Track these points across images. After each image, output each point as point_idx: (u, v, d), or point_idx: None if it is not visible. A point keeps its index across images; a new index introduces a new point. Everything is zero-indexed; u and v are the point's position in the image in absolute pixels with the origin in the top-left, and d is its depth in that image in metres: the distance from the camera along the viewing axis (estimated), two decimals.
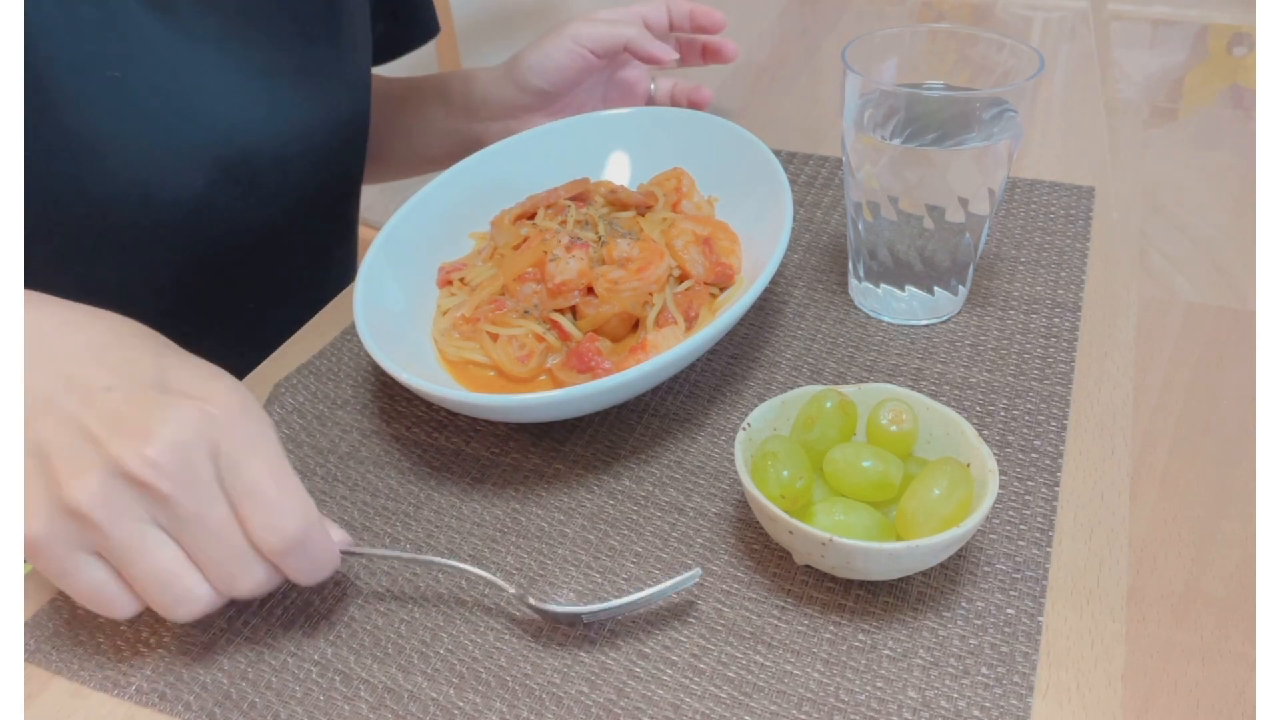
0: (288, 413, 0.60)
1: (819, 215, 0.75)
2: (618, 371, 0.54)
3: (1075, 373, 0.59)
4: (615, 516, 0.52)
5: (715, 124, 0.69)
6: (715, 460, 0.55)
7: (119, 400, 0.40)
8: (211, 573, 0.41)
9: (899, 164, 0.57)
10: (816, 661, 0.44)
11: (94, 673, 0.46)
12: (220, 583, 0.42)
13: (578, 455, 0.56)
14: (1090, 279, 0.66)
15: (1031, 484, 0.52)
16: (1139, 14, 1.06)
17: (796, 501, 0.46)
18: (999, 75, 0.59)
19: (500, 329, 0.58)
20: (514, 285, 0.60)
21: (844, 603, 0.47)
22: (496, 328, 0.59)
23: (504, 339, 0.58)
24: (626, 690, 0.44)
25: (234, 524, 0.41)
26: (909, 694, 0.43)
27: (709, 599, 0.47)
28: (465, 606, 0.48)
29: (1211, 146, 0.82)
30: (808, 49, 1.04)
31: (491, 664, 0.45)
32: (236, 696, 0.44)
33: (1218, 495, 0.51)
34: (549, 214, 0.64)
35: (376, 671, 0.45)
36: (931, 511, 0.44)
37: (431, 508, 0.53)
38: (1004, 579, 0.47)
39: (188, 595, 0.41)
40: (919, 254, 0.60)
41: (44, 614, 0.49)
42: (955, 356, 0.60)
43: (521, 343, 0.58)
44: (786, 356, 0.62)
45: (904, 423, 0.49)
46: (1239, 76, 0.92)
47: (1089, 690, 0.43)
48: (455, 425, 0.58)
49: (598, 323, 0.58)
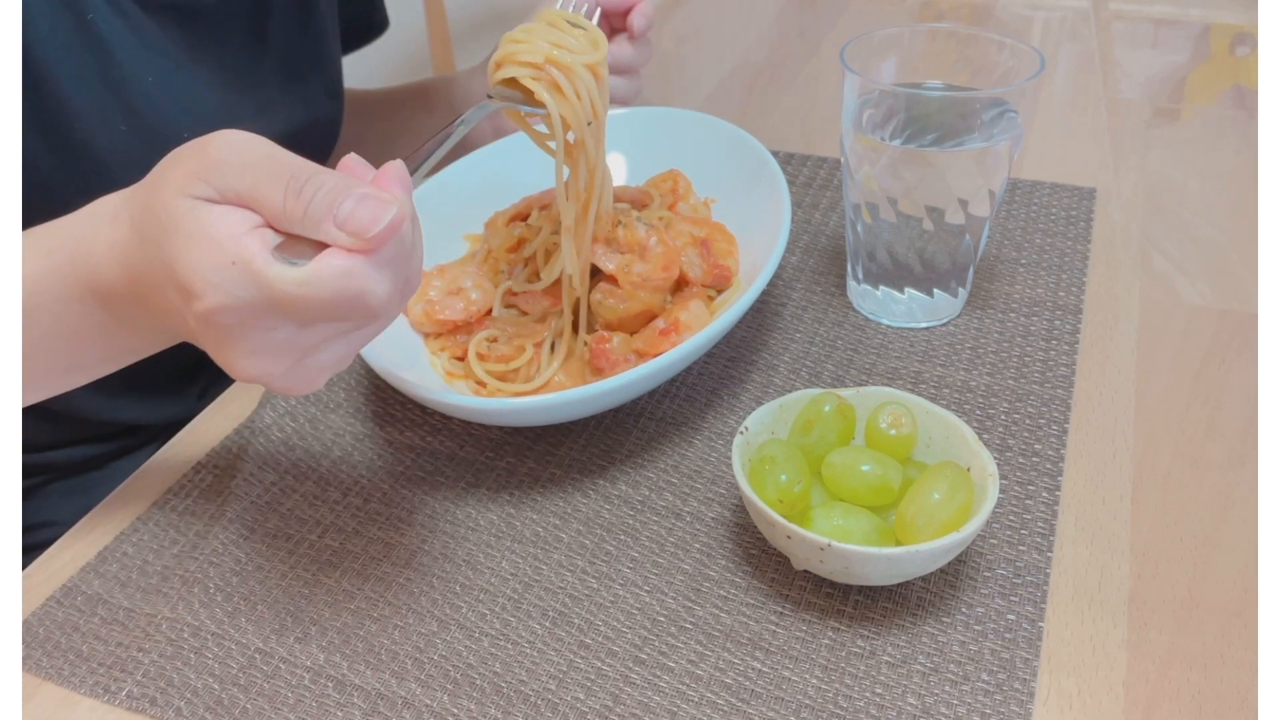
0: (280, 416, 0.60)
1: (817, 217, 0.75)
2: (649, 356, 0.54)
3: (1076, 376, 0.58)
4: (611, 521, 0.52)
5: (713, 125, 0.69)
6: (712, 464, 0.54)
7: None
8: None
9: (898, 165, 0.56)
10: (815, 668, 0.44)
11: (84, 679, 0.45)
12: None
13: (573, 459, 0.55)
14: (1091, 281, 0.66)
15: (1032, 488, 0.51)
16: (1140, 14, 1.05)
17: (795, 506, 0.45)
18: (999, 75, 0.59)
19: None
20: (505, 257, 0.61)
21: (843, 608, 0.46)
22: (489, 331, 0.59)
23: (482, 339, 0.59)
24: (622, 697, 0.43)
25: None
26: (908, 700, 0.42)
27: (706, 604, 0.47)
28: (459, 612, 0.47)
29: (1214, 147, 0.81)
30: (806, 49, 1.03)
31: (486, 670, 0.45)
32: (228, 702, 0.44)
33: (1220, 500, 0.51)
34: (543, 215, 0.64)
35: (370, 678, 0.45)
36: (931, 516, 0.44)
37: (425, 512, 0.53)
38: (1004, 584, 0.47)
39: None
40: (918, 256, 0.60)
41: (35, 619, 0.48)
42: (955, 359, 0.60)
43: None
44: (784, 359, 0.61)
45: (903, 426, 0.48)
46: (1241, 77, 0.92)
47: (1090, 696, 0.42)
48: (449, 429, 0.58)
49: (621, 318, 0.58)
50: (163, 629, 0.47)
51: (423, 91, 0.87)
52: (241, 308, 0.38)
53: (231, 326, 0.38)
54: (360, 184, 0.38)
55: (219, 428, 0.60)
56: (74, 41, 0.57)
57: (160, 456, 0.58)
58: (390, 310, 0.40)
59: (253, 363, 0.40)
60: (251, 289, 0.37)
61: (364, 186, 0.38)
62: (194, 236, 0.38)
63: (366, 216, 0.37)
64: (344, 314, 0.38)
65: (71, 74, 0.57)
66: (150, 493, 0.55)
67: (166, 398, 0.74)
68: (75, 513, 0.56)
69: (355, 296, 0.37)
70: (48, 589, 0.50)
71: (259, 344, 0.39)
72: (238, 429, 0.59)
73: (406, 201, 0.39)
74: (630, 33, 0.72)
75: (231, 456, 0.57)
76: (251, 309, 0.38)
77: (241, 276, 0.37)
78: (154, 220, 0.39)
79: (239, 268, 0.37)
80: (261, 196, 0.38)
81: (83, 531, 0.54)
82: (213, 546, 0.52)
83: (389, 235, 0.37)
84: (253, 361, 0.40)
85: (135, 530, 0.53)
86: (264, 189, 0.38)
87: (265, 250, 0.37)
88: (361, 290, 0.37)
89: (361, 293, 0.37)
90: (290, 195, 0.38)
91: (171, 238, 0.38)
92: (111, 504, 0.55)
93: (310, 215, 0.37)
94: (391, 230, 0.37)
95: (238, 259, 0.37)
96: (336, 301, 0.37)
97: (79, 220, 0.44)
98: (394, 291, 0.39)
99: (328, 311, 0.38)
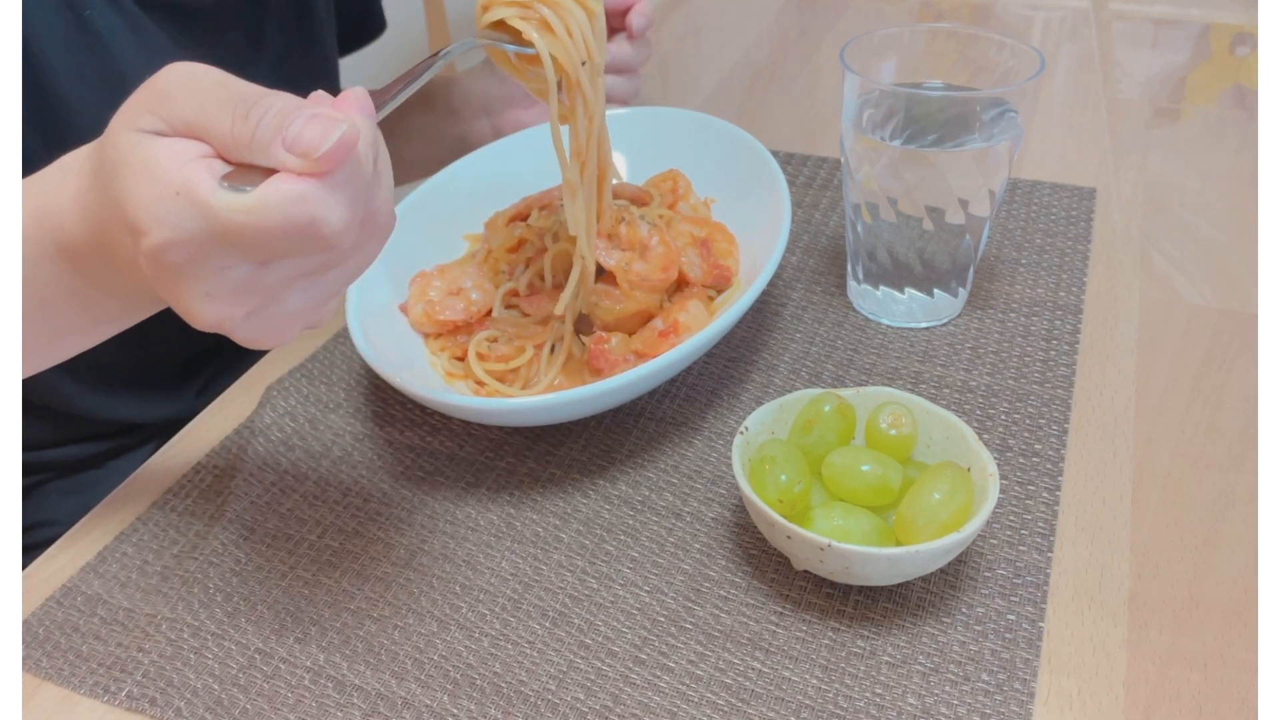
0: (280, 416, 0.59)
1: (817, 217, 0.75)
2: (648, 357, 0.53)
3: (1076, 376, 0.58)
4: (611, 521, 0.52)
5: (713, 125, 0.69)
6: (712, 464, 0.54)
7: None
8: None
9: (898, 165, 0.56)
10: (815, 668, 0.44)
11: (84, 679, 0.45)
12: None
13: (573, 459, 0.55)
14: (1091, 281, 0.66)
15: (1032, 488, 0.51)
16: (1141, 13, 1.05)
17: (795, 506, 0.45)
18: (999, 75, 0.59)
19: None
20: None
21: (843, 608, 0.46)
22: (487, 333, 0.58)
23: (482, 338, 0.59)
24: (622, 697, 0.43)
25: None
26: (909, 701, 0.42)
27: (706, 605, 0.47)
28: (459, 612, 0.47)
29: (1214, 147, 0.81)
30: (806, 49, 1.03)
31: (486, 670, 0.45)
32: (228, 702, 0.44)
33: (1220, 500, 0.51)
34: (543, 215, 0.64)
35: (369, 678, 0.45)
36: (931, 516, 0.44)
37: (425, 512, 0.53)
38: (1005, 584, 0.47)
39: None
40: (918, 256, 0.60)
41: (35, 619, 0.48)
42: (955, 359, 0.60)
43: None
44: (784, 359, 0.61)
45: (903, 426, 0.48)
46: (1241, 77, 0.92)
47: (1090, 697, 0.42)
48: (449, 429, 0.58)
49: (619, 318, 0.57)
50: (163, 629, 0.47)
51: (422, 91, 0.87)
52: (189, 241, 0.35)
53: (182, 265, 0.36)
54: (313, 105, 0.36)
55: (219, 428, 0.60)
56: (72, 39, 0.57)
57: (160, 456, 0.58)
58: (345, 241, 0.36)
59: (209, 306, 0.37)
60: (197, 219, 0.35)
61: (316, 107, 0.35)
62: (138, 169, 0.36)
63: (316, 134, 0.34)
64: (297, 245, 0.36)
65: (70, 72, 0.57)
66: (150, 493, 0.55)
67: (164, 396, 0.74)
68: (73, 512, 0.56)
69: (307, 224, 0.35)
70: (48, 589, 0.50)
71: (213, 285, 0.37)
72: (238, 429, 0.59)
73: (366, 126, 0.36)
74: (629, 32, 0.72)
75: (231, 456, 0.57)
76: (199, 242, 0.35)
77: (187, 207, 0.35)
78: (105, 161, 0.38)
79: (183, 197, 0.35)
80: (210, 123, 0.36)
81: (82, 531, 0.54)
82: (213, 546, 0.51)
83: (339, 154, 0.35)
84: (208, 305, 0.37)
85: (135, 530, 0.53)
86: (212, 116, 0.36)
87: (211, 179, 0.35)
88: (313, 217, 0.35)
89: (314, 219, 0.35)
90: (238, 119, 0.35)
91: (118, 174, 0.36)
92: (111, 504, 0.55)
93: (258, 138, 0.35)
94: (342, 148, 0.35)
95: (182, 188, 0.35)
96: (287, 229, 0.35)
97: (48, 173, 0.42)
98: (350, 220, 0.36)
99: (279, 242, 0.35)
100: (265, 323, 0.39)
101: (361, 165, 0.36)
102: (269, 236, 0.35)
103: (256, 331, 0.39)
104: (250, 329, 0.39)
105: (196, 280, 0.37)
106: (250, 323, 0.38)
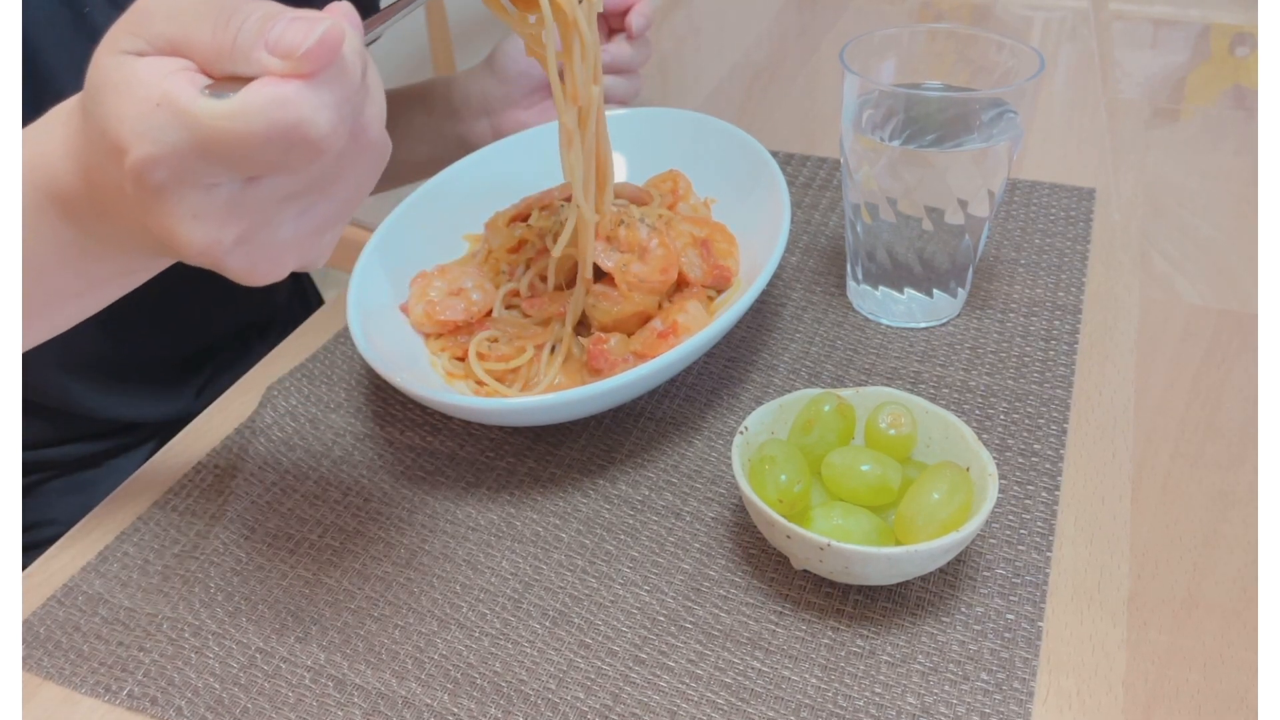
0: (281, 416, 0.60)
1: (817, 217, 0.75)
2: (647, 358, 0.53)
3: (1076, 376, 0.58)
4: (611, 521, 0.52)
5: (713, 125, 0.69)
6: (712, 464, 0.54)
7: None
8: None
9: (898, 165, 0.56)
10: (814, 667, 0.44)
11: (85, 678, 0.45)
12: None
13: (573, 459, 0.56)
14: (1091, 281, 0.66)
15: (1031, 488, 0.52)
16: (1140, 14, 1.05)
17: (794, 506, 0.46)
18: (999, 75, 0.59)
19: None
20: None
21: (842, 608, 0.46)
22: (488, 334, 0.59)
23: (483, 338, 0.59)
24: (622, 696, 0.43)
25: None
26: (908, 700, 0.42)
27: (706, 604, 0.47)
28: (460, 612, 0.47)
29: (1214, 148, 0.81)
30: (806, 49, 1.03)
31: (486, 669, 0.45)
32: (229, 702, 0.44)
33: (1219, 499, 0.51)
34: (543, 215, 0.64)
35: (370, 677, 0.45)
36: (931, 516, 0.44)
37: (426, 512, 0.53)
38: (1004, 584, 0.47)
39: None
40: (918, 256, 0.60)
41: (35, 619, 0.48)
42: (954, 359, 0.60)
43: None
44: (784, 359, 0.61)
45: (903, 426, 0.48)
46: (1241, 77, 0.92)
47: (1089, 696, 0.42)
48: (449, 429, 0.58)
49: (617, 319, 0.58)
50: (164, 628, 0.47)
51: (423, 91, 0.87)
52: (171, 155, 0.34)
53: (165, 183, 0.35)
54: (296, 10, 0.34)
55: (219, 427, 0.60)
56: (70, 35, 0.57)
57: (161, 456, 0.58)
58: (332, 146, 0.35)
59: (196, 229, 0.36)
60: (179, 130, 0.34)
61: (299, 11, 0.34)
62: (120, 88, 0.35)
63: (299, 34, 0.33)
64: (284, 154, 0.34)
65: (68, 67, 0.57)
66: (151, 492, 0.55)
67: (163, 394, 0.74)
68: (72, 511, 0.56)
69: (291, 127, 0.33)
70: (48, 588, 0.50)
71: (199, 204, 0.36)
72: (238, 429, 0.59)
73: (351, 33, 0.35)
74: (629, 33, 0.72)
75: (232, 456, 0.57)
76: (181, 155, 0.34)
77: (168, 118, 0.34)
78: (89, 89, 0.37)
79: (164, 108, 0.34)
80: (191, 37, 0.35)
81: (83, 531, 0.54)
82: (213, 546, 0.52)
83: (323, 52, 0.33)
84: (195, 227, 0.36)
85: (136, 530, 0.53)
86: (192, 29, 0.35)
87: (193, 88, 0.34)
88: (299, 119, 0.33)
89: (299, 121, 0.33)
90: (219, 27, 0.34)
91: (100, 97, 0.35)
92: (112, 503, 0.55)
93: (240, 44, 0.34)
94: (325, 47, 0.33)
95: (162, 100, 0.34)
96: (270, 133, 0.33)
97: (41, 121, 0.41)
98: (338, 125, 0.35)
99: (264, 150, 0.34)
100: (256, 251, 0.37)
101: (348, 68, 0.35)
102: (253, 143, 0.34)
103: (247, 260, 0.37)
104: (241, 257, 0.37)
105: (182, 200, 0.36)
106: (240, 250, 0.37)
